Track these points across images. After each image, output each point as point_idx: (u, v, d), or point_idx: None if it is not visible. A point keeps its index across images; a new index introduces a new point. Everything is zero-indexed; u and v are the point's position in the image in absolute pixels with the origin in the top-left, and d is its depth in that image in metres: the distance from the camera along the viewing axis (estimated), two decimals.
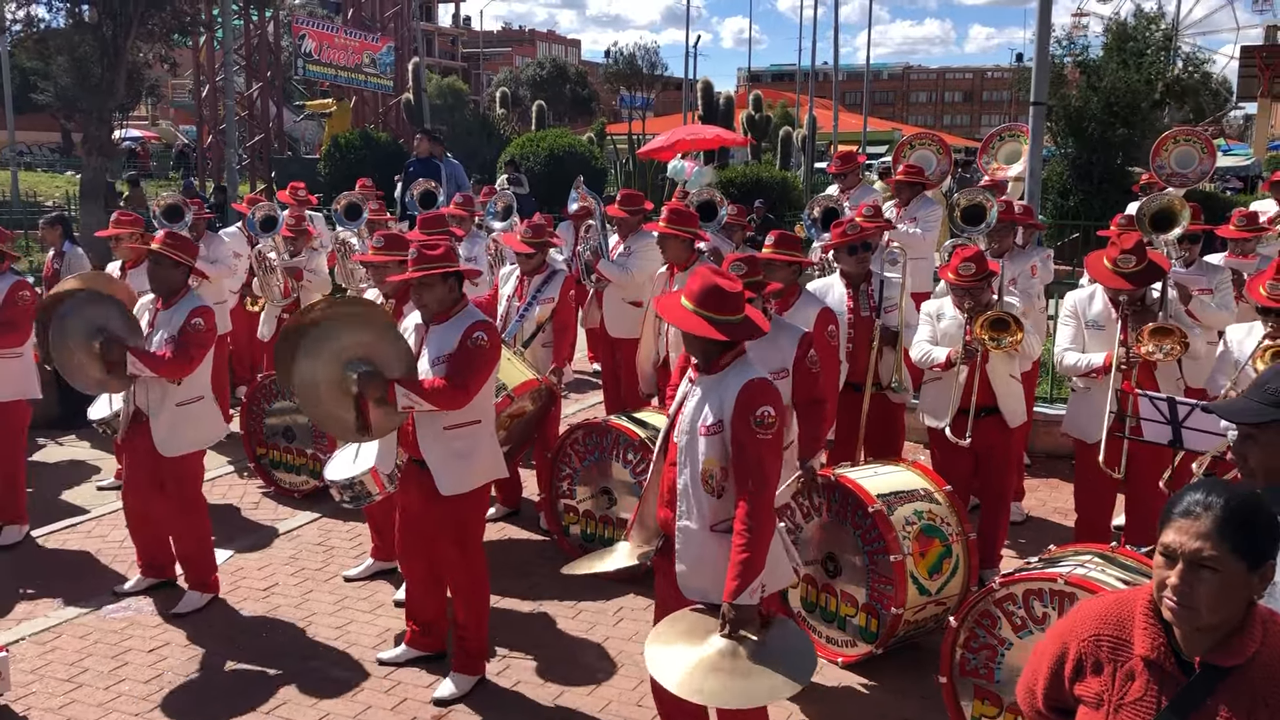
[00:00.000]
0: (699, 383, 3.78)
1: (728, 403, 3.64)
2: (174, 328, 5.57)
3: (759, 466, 3.59)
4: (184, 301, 5.66)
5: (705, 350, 3.74)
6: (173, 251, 5.63)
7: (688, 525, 3.76)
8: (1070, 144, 18.37)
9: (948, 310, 5.86)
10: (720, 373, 3.72)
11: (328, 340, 4.62)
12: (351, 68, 28.39)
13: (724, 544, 3.70)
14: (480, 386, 4.74)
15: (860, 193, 9.25)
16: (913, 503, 5.14)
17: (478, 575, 5.00)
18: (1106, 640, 2.28)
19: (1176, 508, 2.17)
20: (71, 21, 16.19)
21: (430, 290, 4.76)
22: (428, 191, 10.37)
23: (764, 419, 3.59)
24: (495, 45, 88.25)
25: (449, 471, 4.79)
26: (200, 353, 5.61)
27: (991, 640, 4.26)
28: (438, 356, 4.71)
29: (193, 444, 5.79)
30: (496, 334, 4.85)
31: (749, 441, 3.59)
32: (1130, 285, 5.32)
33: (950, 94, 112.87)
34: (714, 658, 3.51)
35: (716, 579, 3.68)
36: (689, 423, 3.74)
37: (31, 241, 17.00)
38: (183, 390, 5.67)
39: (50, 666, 5.22)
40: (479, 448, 4.89)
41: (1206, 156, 8.70)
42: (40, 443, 8.84)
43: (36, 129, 45.15)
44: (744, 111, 31.25)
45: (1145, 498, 5.61)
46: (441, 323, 4.80)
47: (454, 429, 4.77)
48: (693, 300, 3.69)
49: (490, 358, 4.76)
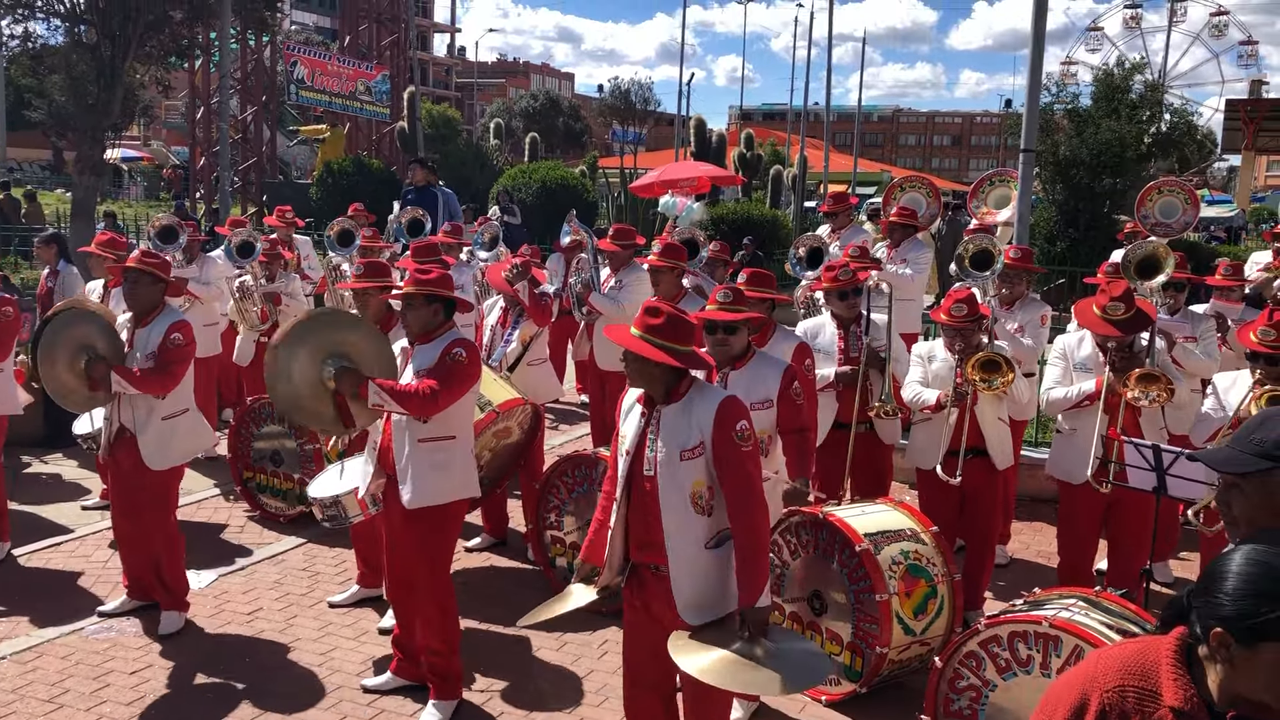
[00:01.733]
0: (659, 413, 3.82)
1: (705, 423, 3.71)
2: (152, 344, 5.60)
3: (747, 478, 3.71)
4: (161, 318, 5.70)
5: (665, 380, 3.79)
6: (150, 267, 5.68)
7: (680, 549, 3.77)
8: (1058, 190, 18.57)
9: (939, 352, 5.92)
10: (683, 400, 3.79)
11: (312, 334, 4.74)
12: (345, 94, 28.52)
13: (719, 559, 3.80)
14: (453, 399, 4.79)
15: (850, 233, 9.35)
16: (899, 542, 5.18)
17: (445, 597, 5.02)
18: (1132, 691, 2.18)
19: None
20: (69, 40, 16.27)
21: (414, 311, 4.87)
22: (415, 220, 10.41)
23: (743, 432, 3.70)
24: (489, 76, 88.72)
25: (419, 483, 4.83)
26: (181, 368, 5.64)
27: (976, 681, 4.28)
28: (418, 372, 4.82)
29: (180, 455, 5.82)
30: (476, 352, 4.94)
31: (733, 455, 3.69)
32: (1119, 332, 5.39)
33: (939, 137, 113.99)
34: (742, 656, 3.66)
35: (720, 594, 3.78)
36: (664, 451, 3.77)
37: (20, 258, 16.96)
38: (168, 404, 5.70)
39: (31, 686, 5.18)
40: (453, 463, 4.95)
41: (1190, 207, 8.82)
42: (25, 461, 8.80)
43: (28, 146, 45.06)
44: (735, 149, 31.46)
45: (1127, 542, 5.68)
46: (425, 343, 4.91)
47: (429, 442, 4.84)
48: (650, 330, 3.75)
49: (467, 373, 4.83)
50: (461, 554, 6.89)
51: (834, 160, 38.22)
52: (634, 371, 3.82)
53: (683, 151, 32.64)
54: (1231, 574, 2.08)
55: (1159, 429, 5.59)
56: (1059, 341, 5.93)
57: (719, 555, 3.81)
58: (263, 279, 8.64)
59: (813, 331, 6.27)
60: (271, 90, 28.78)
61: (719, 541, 3.81)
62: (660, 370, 3.77)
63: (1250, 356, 5.19)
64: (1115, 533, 5.80)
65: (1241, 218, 32.79)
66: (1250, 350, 5.17)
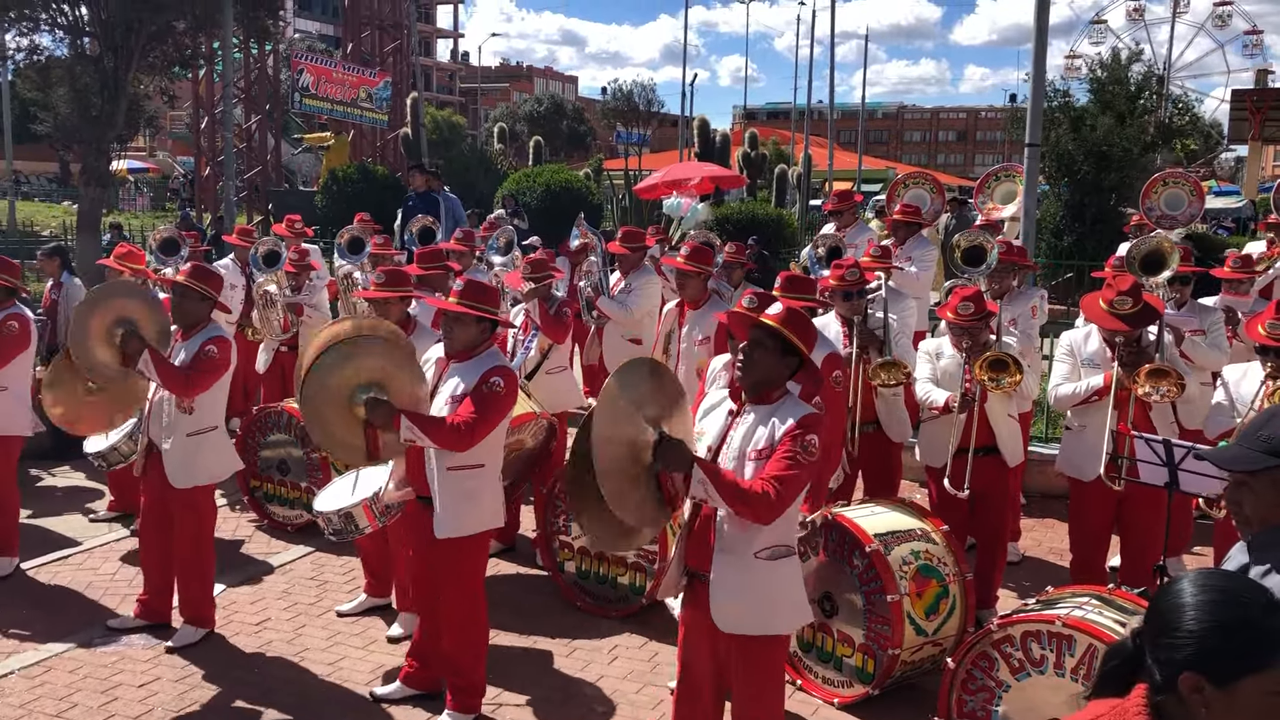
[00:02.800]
0: (749, 411, 3.78)
1: (780, 429, 3.65)
2: (189, 355, 5.59)
3: (785, 478, 3.56)
4: (203, 332, 5.67)
5: (770, 376, 3.75)
6: (197, 284, 5.66)
7: (728, 554, 3.72)
8: (1064, 185, 18.50)
9: (946, 349, 5.88)
10: (774, 404, 3.75)
11: (347, 360, 4.58)
12: (347, 102, 28.54)
13: (769, 572, 3.72)
14: (487, 432, 4.69)
15: (856, 231, 9.32)
16: (910, 542, 5.14)
17: (476, 617, 4.96)
18: None
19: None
20: (73, 53, 16.31)
21: (464, 328, 4.76)
22: (426, 228, 10.40)
23: (810, 445, 3.62)
24: (493, 80, 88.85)
25: (449, 513, 4.75)
26: (205, 379, 5.59)
27: (989, 682, 4.24)
28: (454, 394, 4.69)
29: (205, 474, 5.75)
30: (514, 380, 4.83)
31: (788, 453, 3.59)
32: (1126, 327, 5.35)
33: (944, 133, 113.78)
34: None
35: (760, 608, 3.71)
36: (737, 449, 3.73)
37: (27, 271, 16.98)
38: (193, 420, 5.65)
39: (39, 701, 5.16)
40: (482, 493, 4.85)
41: (1195, 199, 8.77)
42: (33, 474, 8.80)
43: (34, 159, 45.27)
44: (740, 149, 31.42)
45: (1140, 538, 5.63)
46: (463, 361, 4.79)
47: (457, 470, 4.72)
48: (779, 320, 3.73)
49: (504, 405, 4.73)
50: None
51: (838, 158, 38.16)
52: (752, 361, 3.75)
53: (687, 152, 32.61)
54: (1186, 608, 1.82)
55: (1170, 424, 5.54)
56: (1065, 337, 5.89)
57: (769, 568, 3.72)
58: (288, 289, 8.62)
59: (819, 327, 6.23)
60: (275, 99, 28.82)
61: (773, 555, 3.73)
62: (777, 364, 3.74)
63: (1260, 350, 5.15)
64: (1127, 529, 5.76)
65: (1250, 208, 32.61)
66: (1259, 344, 5.12)
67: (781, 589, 3.78)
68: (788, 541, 3.80)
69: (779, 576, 3.75)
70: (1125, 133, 18.06)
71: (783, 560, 3.77)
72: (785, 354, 3.76)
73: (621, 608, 6.09)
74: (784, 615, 3.82)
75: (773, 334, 3.73)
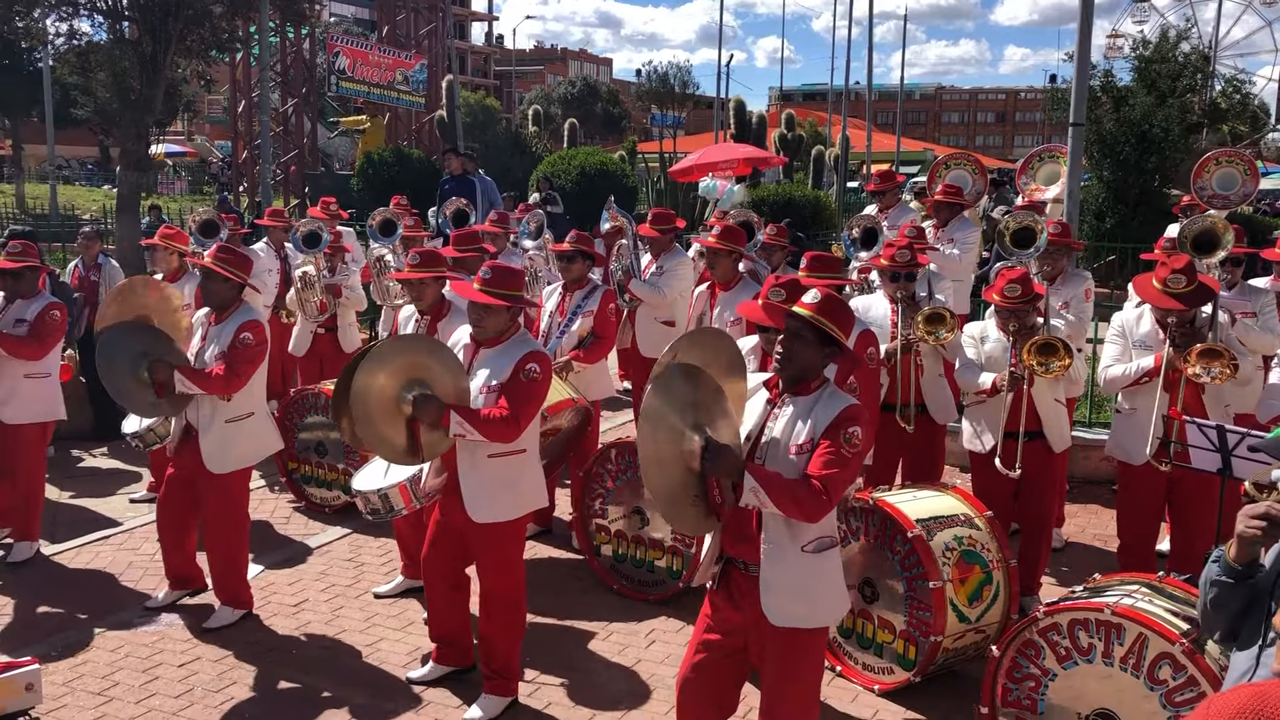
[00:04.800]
0: (788, 402, 3.70)
1: (822, 423, 3.58)
2: (224, 342, 5.57)
3: (831, 474, 3.50)
4: (236, 315, 5.65)
5: (809, 367, 3.68)
6: (224, 268, 5.62)
7: (774, 548, 3.65)
8: (1106, 166, 18.22)
9: (991, 332, 5.77)
10: (812, 395, 3.67)
11: (391, 357, 4.54)
12: (384, 85, 28.61)
13: (816, 564, 3.67)
14: (532, 419, 4.70)
15: (897, 212, 9.19)
16: (953, 528, 5.05)
17: (516, 600, 4.94)
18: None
19: None
20: (112, 37, 16.42)
21: (494, 316, 4.72)
22: (460, 210, 10.36)
23: (853, 438, 3.54)
24: (527, 63, 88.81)
25: (486, 499, 4.72)
26: (248, 368, 5.59)
27: (1035, 670, 4.16)
28: (488, 383, 4.65)
29: (240, 460, 5.74)
30: (549, 364, 4.80)
31: (832, 449, 3.52)
32: (1181, 305, 5.22)
33: (983, 114, 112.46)
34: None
35: (811, 600, 3.67)
36: (778, 443, 3.66)
37: (70, 255, 17.17)
38: (233, 406, 5.65)
39: (82, 680, 5.20)
40: (523, 477, 4.84)
41: (1249, 178, 8.54)
42: (75, 455, 8.88)
43: (74, 143, 45.77)
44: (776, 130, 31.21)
45: (1190, 524, 5.51)
46: (494, 346, 4.75)
47: (498, 457, 4.70)
48: (817, 309, 3.65)
49: (542, 390, 4.72)
50: None
51: (876, 140, 37.80)
52: (790, 354, 3.66)
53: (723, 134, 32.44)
54: None
55: (1223, 406, 5.40)
56: (1116, 318, 5.76)
57: (816, 561, 3.67)
58: (325, 271, 8.64)
59: (864, 308, 6.15)
60: (311, 82, 28.93)
61: (819, 547, 3.68)
62: (816, 354, 3.66)
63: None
64: (1177, 514, 5.64)
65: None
66: None
67: (826, 581, 3.74)
68: (831, 533, 3.75)
69: (824, 568, 3.71)
70: (1167, 113, 17.75)
71: (827, 552, 3.72)
72: (824, 344, 3.67)
73: (659, 591, 6.05)
74: (828, 606, 3.77)
75: (810, 325, 3.65)
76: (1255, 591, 2.84)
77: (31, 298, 6.62)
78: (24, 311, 6.56)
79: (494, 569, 4.86)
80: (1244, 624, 2.89)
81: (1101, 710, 3.99)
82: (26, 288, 6.62)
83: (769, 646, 3.73)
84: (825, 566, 3.71)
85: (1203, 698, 3.70)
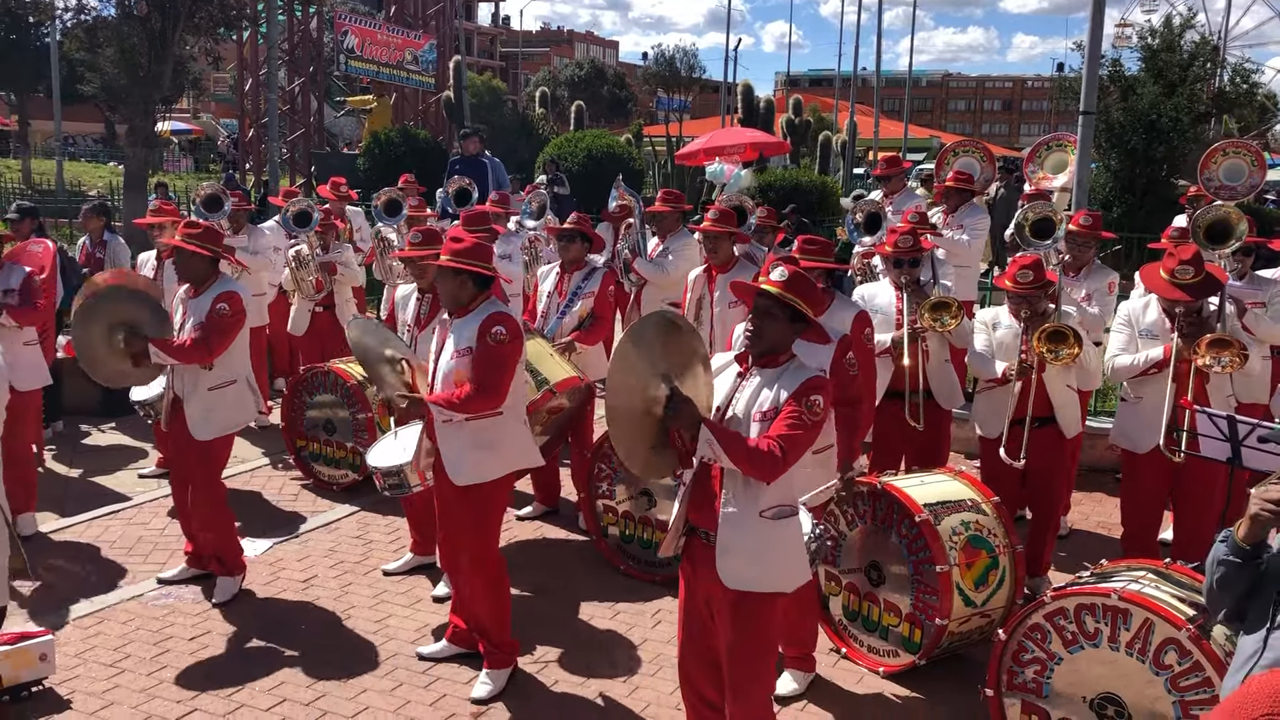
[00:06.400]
0: (755, 374, 3.79)
1: (786, 391, 3.67)
2: (201, 314, 5.63)
3: (790, 438, 3.58)
4: (213, 287, 5.71)
5: (778, 342, 3.77)
6: (190, 243, 5.66)
7: (733, 512, 3.73)
8: (1114, 156, 18.18)
9: (1004, 319, 5.79)
10: (780, 368, 3.76)
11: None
12: (393, 64, 28.52)
13: (773, 530, 3.74)
14: (509, 383, 4.77)
15: (903, 198, 9.19)
16: (960, 513, 5.08)
17: (494, 568, 5.00)
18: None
19: None
20: (120, 12, 16.40)
21: (443, 283, 4.82)
22: (462, 189, 10.36)
23: (815, 405, 3.63)
24: (534, 45, 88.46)
25: (466, 461, 4.82)
26: (222, 339, 5.63)
27: (1041, 654, 4.19)
28: (459, 349, 4.76)
29: (224, 427, 5.82)
30: (515, 324, 4.85)
31: (793, 413, 3.61)
32: (1188, 297, 5.23)
33: (990, 102, 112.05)
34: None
35: (764, 565, 3.74)
36: (743, 410, 3.75)
37: (76, 230, 17.17)
38: (214, 375, 5.72)
39: (94, 651, 5.25)
40: (503, 438, 4.91)
41: (1257, 170, 8.53)
42: (82, 430, 8.92)
43: (81, 120, 45.65)
44: (784, 115, 31.13)
45: (1194, 512, 5.54)
46: (463, 316, 4.84)
47: (475, 419, 4.79)
48: (783, 286, 3.73)
49: (513, 349, 4.79)
50: (513, 523, 6.90)
51: (883, 126, 37.68)
52: (761, 330, 3.77)
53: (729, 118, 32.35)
54: None
55: (1226, 396, 5.42)
56: (1123, 308, 5.78)
57: (774, 527, 3.75)
58: (318, 249, 8.66)
59: (870, 294, 6.17)
60: (318, 61, 28.84)
61: (778, 514, 3.76)
62: (785, 330, 3.75)
63: None
64: (1182, 502, 5.67)
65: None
66: None
67: (785, 547, 3.81)
68: (790, 501, 3.83)
69: (782, 535, 3.79)
70: (1175, 102, 17.69)
71: (787, 520, 3.80)
72: (794, 320, 3.77)
73: (665, 572, 6.08)
74: (786, 573, 3.84)
75: (778, 301, 3.74)
76: (1261, 574, 2.87)
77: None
78: (6, 281, 6.58)
79: (471, 534, 4.91)
80: (1250, 606, 2.93)
81: (1106, 694, 4.02)
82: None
83: (722, 610, 3.82)
84: (783, 534, 3.79)
85: (1208, 683, 3.73)
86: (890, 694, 4.99)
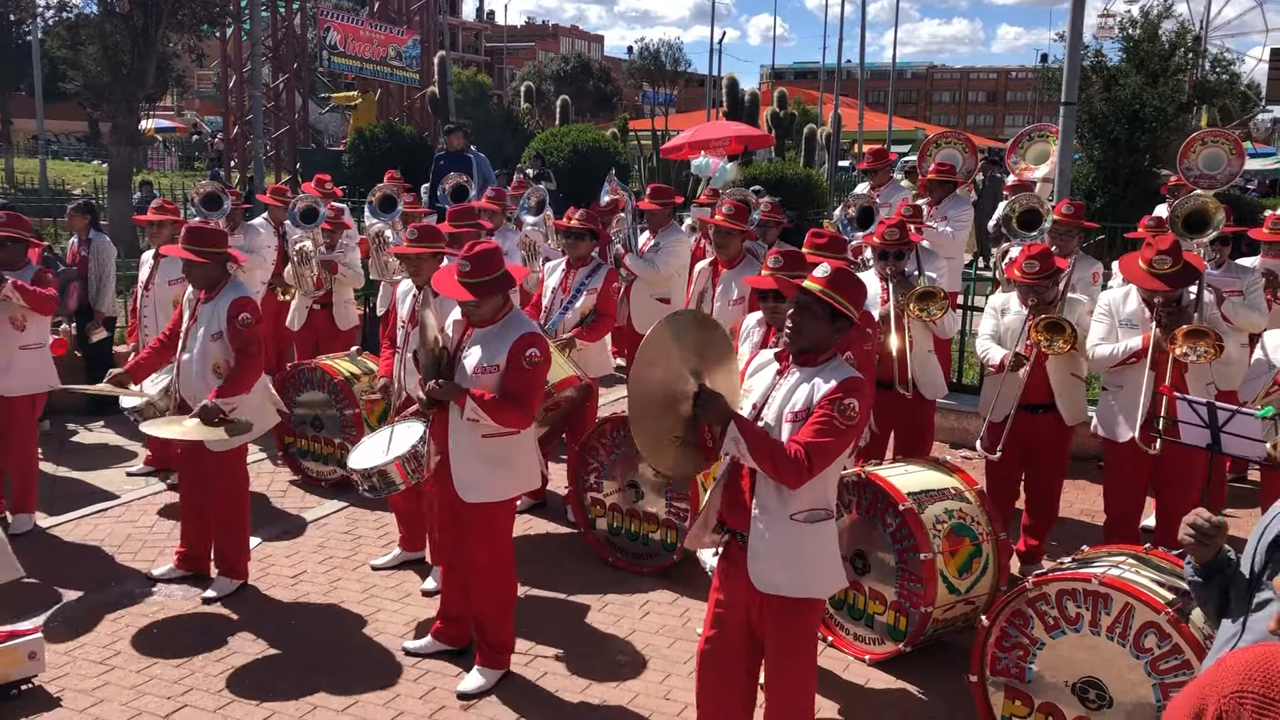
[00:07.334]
0: (794, 371, 3.73)
1: (820, 391, 3.61)
2: (220, 321, 5.60)
3: (818, 445, 3.52)
4: (226, 291, 5.68)
5: (819, 341, 3.71)
6: (196, 252, 5.61)
7: (764, 514, 3.69)
8: (1096, 146, 18.26)
9: (1013, 305, 5.89)
10: (818, 366, 3.70)
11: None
12: (377, 60, 28.42)
13: (806, 533, 3.68)
14: (539, 403, 4.78)
15: (889, 191, 9.24)
16: (943, 501, 5.14)
17: (504, 574, 4.98)
18: (1251, 698, 2.12)
19: None
20: (103, 10, 16.33)
21: (486, 303, 4.68)
22: (459, 186, 10.36)
23: (849, 409, 3.56)
24: (518, 40, 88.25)
25: (478, 479, 4.75)
26: (257, 348, 5.70)
27: (1023, 639, 4.25)
28: (484, 364, 4.64)
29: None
30: (546, 345, 4.80)
31: (824, 418, 3.55)
32: (1166, 286, 5.29)
33: (974, 94, 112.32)
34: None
35: (797, 569, 3.68)
36: (776, 411, 3.69)
37: (60, 230, 17.11)
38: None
39: (83, 648, 5.27)
40: (516, 458, 4.86)
41: (1235, 158, 8.63)
42: (70, 429, 8.91)
43: (64, 118, 45.36)
44: (769, 109, 31.12)
45: (1175, 500, 5.61)
46: (486, 326, 4.73)
47: (491, 437, 4.72)
48: (828, 283, 3.67)
49: (544, 372, 4.75)
50: None
51: (868, 118, 37.75)
52: (801, 327, 3.69)
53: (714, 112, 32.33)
54: None
55: (1205, 385, 5.49)
56: (1103, 297, 5.85)
57: (806, 530, 3.68)
58: (323, 246, 8.66)
59: None
60: (302, 58, 28.75)
61: (810, 518, 3.69)
62: (827, 329, 3.69)
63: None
64: (1163, 489, 5.74)
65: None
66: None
67: (818, 552, 3.74)
68: (825, 505, 3.75)
69: (816, 539, 3.71)
70: (1158, 92, 17.78)
71: (820, 524, 3.73)
72: (834, 318, 3.69)
73: (653, 564, 6.13)
74: (820, 579, 3.78)
75: (819, 299, 3.67)
76: (1230, 581, 2.91)
77: (21, 269, 6.61)
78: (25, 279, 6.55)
79: (483, 545, 4.89)
80: (1231, 596, 2.98)
81: (1088, 678, 4.08)
82: (10, 258, 6.58)
83: (766, 618, 3.79)
84: (817, 538, 3.72)
85: (1187, 665, 3.79)
86: (877, 681, 5.05)
